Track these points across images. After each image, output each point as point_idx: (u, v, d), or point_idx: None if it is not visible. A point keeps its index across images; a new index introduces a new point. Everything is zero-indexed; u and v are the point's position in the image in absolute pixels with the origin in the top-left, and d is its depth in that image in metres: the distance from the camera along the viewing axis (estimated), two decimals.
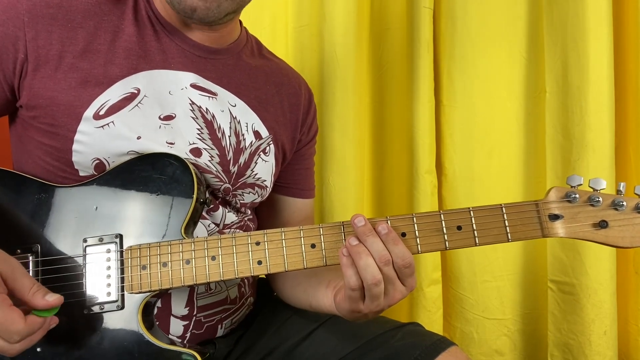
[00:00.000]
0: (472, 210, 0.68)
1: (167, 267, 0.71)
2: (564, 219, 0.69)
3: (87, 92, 0.74)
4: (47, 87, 0.73)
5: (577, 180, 0.69)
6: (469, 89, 1.34)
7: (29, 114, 0.75)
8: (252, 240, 0.71)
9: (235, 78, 0.86)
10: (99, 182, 0.74)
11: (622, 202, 0.67)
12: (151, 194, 0.74)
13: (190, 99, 0.80)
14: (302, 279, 0.86)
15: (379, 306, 0.68)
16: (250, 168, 0.85)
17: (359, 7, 1.29)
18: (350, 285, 0.65)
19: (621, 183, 0.68)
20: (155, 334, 0.72)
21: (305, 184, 0.99)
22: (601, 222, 0.68)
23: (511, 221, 0.68)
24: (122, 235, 0.72)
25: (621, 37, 1.26)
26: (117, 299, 0.71)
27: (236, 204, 0.86)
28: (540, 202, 0.69)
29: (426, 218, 0.69)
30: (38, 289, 0.61)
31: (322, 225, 0.70)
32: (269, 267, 0.70)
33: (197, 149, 0.79)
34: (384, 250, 0.65)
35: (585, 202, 0.69)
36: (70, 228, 0.73)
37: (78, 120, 0.73)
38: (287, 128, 0.92)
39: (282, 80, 0.94)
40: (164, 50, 0.80)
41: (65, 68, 0.73)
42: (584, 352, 1.25)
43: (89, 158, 0.74)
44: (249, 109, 0.86)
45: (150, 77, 0.78)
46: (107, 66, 0.75)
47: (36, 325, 0.60)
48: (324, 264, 0.70)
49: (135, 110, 0.76)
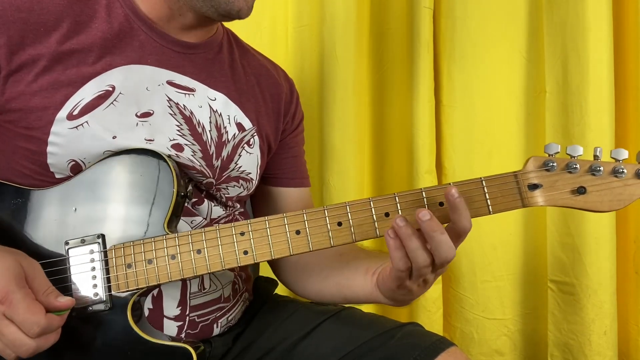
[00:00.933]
0: (453, 185, 0.68)
1: (152, 263, 0.70)
2: (543, 187, 0.69)
3: (60, 93, 0.73)
4: (20, 91, 0.72)
5: (554, 148, 0.69)
6: (469, 89, 1.34)
7: (4, 118, 0.74)
8: (237, 230, 0.71)
9: (214, 72, 0.86)
10: (75, 182, 0.73)
11: (599, 167, 0.68)
12: (130, 190, 0.73)
13: (167, 96, 0.80)
14: (329, 271, 0.86)
15: (428, 282, 0.68)
16: (234, 161, 0.85)
17: (359, 7, 1.29)
18: (400, 267, 0.65)
19: (597, 148, 0.68)
20: (146, 330, 0.72)
21: (295, 172, 0.98)
22: (579, 188, 0.68)
23: (491, 194, 0.68)
24: (104, 235, 0.72)
25: (621, 37, 1.26)
26: (105, 299, 0.70)
27: (221, 197, 0.85)
28: (519, 172, 0.69)
29: (408, 196, 0.69)
30: (52, 292, 0.64)
31: (305, 211, 0.70)
32: (255, 256, 0.70)
33: (179, 144, 0.79)
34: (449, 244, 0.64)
35: (563, 169, 0.68)
36: (50, 231, 0.72)
37: (51, 122, 0.72)
38: (269, 118, 0.92)
39: (261, 71, 0.94)
40: (140, 46, 0.79)
41: (37, 71, 0.72)
42: (584, 352, 1.25)
43: (64, 160, 0.73)
44: (229, 102, 0.86)
45: (125, 73, 0.77)
46: (80, 65, 0.74)
47: (55, 322, 0.62)
48: (310, 249, 0.70)
49: (111, 108, 0.75)
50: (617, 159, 0.68)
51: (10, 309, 0.59)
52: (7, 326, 0.60)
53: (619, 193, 0.68)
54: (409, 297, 0.72)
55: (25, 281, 0.62)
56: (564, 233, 1.27)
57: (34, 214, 0.72)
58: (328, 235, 0.70)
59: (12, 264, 0.62)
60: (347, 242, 0.70)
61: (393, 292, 0.71)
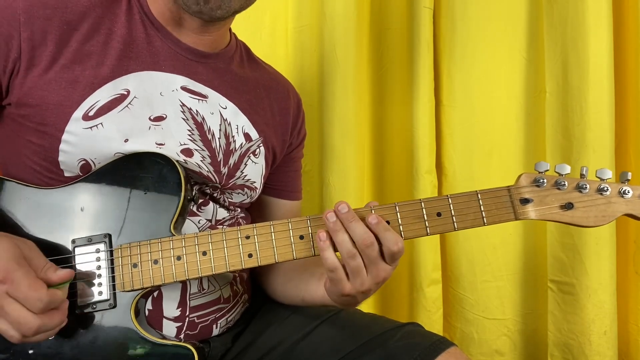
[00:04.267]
0: (450, 197, 0.73)
1: (158, 264, 0.71)
2: (534, 202, 0.74)
3: (77, 92, 0.74)
4: (38, 86, 0.73)
5: (544, 167, 0.74)
6: (469, 89, 1.34)
7: (19, 112, 0.75)
8: (242, 234, 0.72)
9: (226, 81, 0.87)
10: (84, 182, 0.74)
11: (585, 184, 0.73)
12: (138, 192, 0.74)
13: (181, 101, 0.81)
14: (292, 274, 0.88)
15: (364, 285, 0.69)
16: (240, 169, 0.86)
17: (359, 7, 1.29)
18: (328, 265, 0.68)
19: (584, 167, 0.73)
20: (147, 329, 0.72)
21: (294, 186, 1.02)
22: (567, 204, 0.73)
23: (486, 206, 0.73)
24: (110, 235, 0.73)
25: (621, 37, 1.26)
26: (109, 298, 0.71)
27: (224, 202, 0.87)
28: (512, 187, 0.74)
29: (408, 206, 0.72)
30: (50, 267, 0.65)
31: (309, 217, 0.72)
32: (260, 259, 0.72)
33: (189, 149, 0.80)
34: (366, 233, 0.67)
35: (552, 186, 0.74)
36: (57, 230, 0.73)
37: (66, 121, 0.73)
38: (277, 131, 0.93)
39: (271, 85, 0.95)
40: (155, 52, 0.81)
41: (57, 69, 0.74)
42: (584, 352, 1.25)
43: (75, 158, 0.74)
44: (239, 112, 0.87)
45: (140, 79, 0.78)
46: (98, 67, 0.76)
47: (57, 296, 0.63)
48: (313, 253, 0.72)
49: (125, 111, 0.76)
50: (602, 178, 0.73)
51: (13, 287, 0.60)
52: (11, 304, 0.60)
53: (604, 210, 0.73)
54: (354, 302, 0.74)
55: (24, 260, 0.63)
56: (564, 233, 1.27)
57: (42, 212, 0.73)
58: None
59: (10, 245, 0.63)
60: None
61: (339, 298, 0.73)
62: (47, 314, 0.62)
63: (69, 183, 0.75)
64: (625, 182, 0.73)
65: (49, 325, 0.62)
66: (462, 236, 1.37)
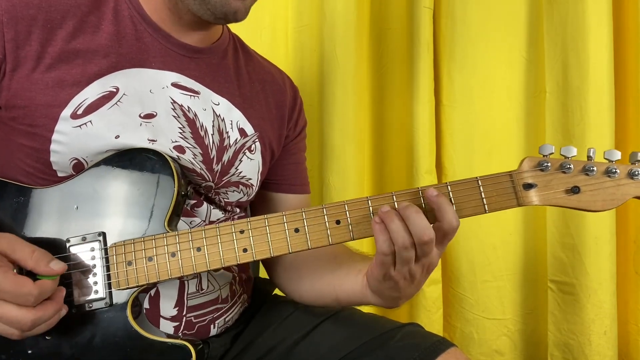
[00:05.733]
0: (450, 185, 0.70)
1: (153, 261, 0.71)
2: (537, 187, 0.70)
3: (64, 91, 0.73)
4: (25, 87, 0.72)
5: (548, 149, 0.70)
6: (469, 89, 1.34)
7: (8, 114, 0.74)
8: (236, 228, 0.71)
9: (219, 76, 0.86)
10: (77, 181, 0.74)
11: (593, 167, 0.69)
12: (132, 189, 0.74)
13: (172, 98, 0.80)
14: (323, 272, 0.86)
15: (415, 277, 0.69)
16: (235, 166, 0.85)
17: (359, 7, 1.29)
18: (383, 250, 0.66)
19: (591, 149, 0.69)
20: (145, 327, 0.72)
21: (295, 179, 0.99)
22: (573, 188, 0.69)
23: (487, 192, 0.70)
24: (105, 233, 0.72)
25: (621, 37, 1.26)
26: (105, 296, 0.71)
27: (220, 202, 0.85)
28: (514, 172, 0.71)
29: (406, 195, 0.70)
30: (40, 255, 0.64)
31: (304, 209, 0.71)
32: (255, 253, 0.71)
33: (180, 146, 0.79)
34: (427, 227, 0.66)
35: (557, 169, 0.70)
36: (51, 229, 0.72)
37: (55, 120, 0.73)
38: (273, 125, 0.92)
39: (266, 78, 0.94)
40: (145, 49, 0.80)
41: (43, 68, 0.73)
42: (584, 352, 1.25)
43: (67, 158, 0.74)
44: (233, 107, 0.86)
45: (129, 76, 0.77)
46: (85, 65, 0.75)
47: (47, 286, 0.62)
48: (308, 247, 0.70)
49: (115, 108, 0.75)
50: (610, 160, 0.68)
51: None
52: (2, 306, 0.60)
53: (612, 193, 0.69)
54: (396, 293, 0.72)
55: (3, 259, 0.62)
56: (564, 233, 1.27)
57: (35, 212, 0.73)
58: (326, 233, 0.70)
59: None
60: (345, 240, 0.71)
61: (380, 283, 0.71)
62: (40, 306, 0.62)
63: (62, 182, 0.74)
64: (635, 162, 0.68)
65: (44, 317, 0.62)
66: (462, 236, 1.37)
